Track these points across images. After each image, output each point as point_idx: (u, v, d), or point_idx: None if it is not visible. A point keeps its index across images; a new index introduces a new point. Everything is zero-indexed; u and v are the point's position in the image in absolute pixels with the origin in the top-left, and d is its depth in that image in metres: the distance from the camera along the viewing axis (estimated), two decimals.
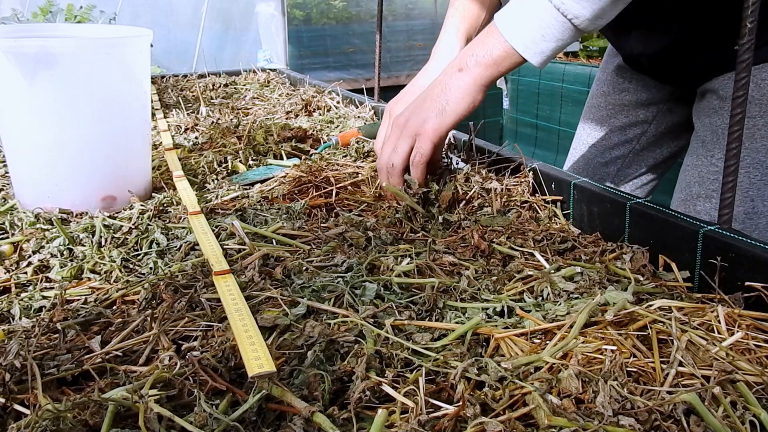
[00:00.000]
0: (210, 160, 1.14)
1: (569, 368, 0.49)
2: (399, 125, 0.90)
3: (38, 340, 0.57)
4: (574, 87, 2.48)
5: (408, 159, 0.88)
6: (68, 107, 0.88)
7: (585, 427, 0.42)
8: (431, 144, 0.86)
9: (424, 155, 0.86)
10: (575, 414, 0.44)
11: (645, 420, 0.44)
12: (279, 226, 0.82)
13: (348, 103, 1.62)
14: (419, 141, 0.87)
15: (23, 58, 0.83)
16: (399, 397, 0.47)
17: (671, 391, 0.47)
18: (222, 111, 1.57)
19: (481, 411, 0.45)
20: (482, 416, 0.45)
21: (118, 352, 0.56)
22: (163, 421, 0.45)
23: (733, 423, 0.43)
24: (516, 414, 0.45)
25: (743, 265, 0.62)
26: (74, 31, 1.10)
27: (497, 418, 0.44)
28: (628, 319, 0.56)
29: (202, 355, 0.53)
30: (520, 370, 0.50)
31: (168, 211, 0.92)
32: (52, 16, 2.39)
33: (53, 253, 0.78)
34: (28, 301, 0.67)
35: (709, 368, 0.49)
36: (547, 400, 0.45)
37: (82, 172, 0.91)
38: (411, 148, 0.88)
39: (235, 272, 0.68)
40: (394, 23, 3.52)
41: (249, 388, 0.49)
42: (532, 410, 0.45)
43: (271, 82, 1.98)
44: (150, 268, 0.74)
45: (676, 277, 0.67)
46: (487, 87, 0.86)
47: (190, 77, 2.04)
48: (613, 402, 0.45)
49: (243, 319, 0.57)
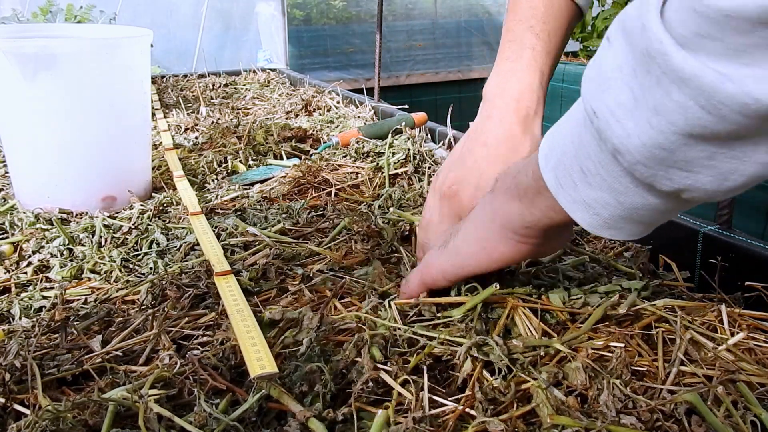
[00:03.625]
0: (210, 160, 1.14)
1: (577, 359, 0.48)
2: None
3: (38, 340, 0.57)
4: (574, 87, 2.48)
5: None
6: (68, 107, 0.88)
7: (589, 427, 0.42)
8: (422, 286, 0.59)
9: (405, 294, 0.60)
10: (579, 413, 0.44)
11: (647, 420, 0.44)
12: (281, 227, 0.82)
13: (348, 103, 1.62)
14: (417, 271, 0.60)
15: (23, 58, 0.83)
16: (402, 391, 0.47)
17: (672, 390, 0.47)
18: (222, 111, 1.57)
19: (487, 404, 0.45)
20: (486, 413, 0.44)
21: (119, 351, 0.56)
22: (163, 420, 0.45)
23: (735, 423, 0.43)
24: (518, 412, 0.45)
25: (743, 265, 0.62)
26: (74, 31, 1.10)
27: (500, 416, 0.44)
28: (634, 316, 0.55)
29: (202, 354, 0.53)
30: (530, 354, 0.50)
31: (168, 211, 0.92)
32: (52, 16, 2.39)
33: (53, 253, 0.78)
34: (28, 301, 0.67)
35: (711, 368, 0.49)
36: (551, 396, 0.45)
37: (82, 172, 0.91)
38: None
39: (235, 272, 0.68)
40: (394, 23, 3.52)
41: (249, 388, 0.49)
42: (535, 407, 0.45)
43: (271, 82, 1.98)
44: (150, 268, 0.74)
45: (677, 277, 0.67)
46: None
47: (190, 77, 2.04)
48: (617, 401, 0.45)
49: (245, 319, 0.57)
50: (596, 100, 0.37)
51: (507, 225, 0.50)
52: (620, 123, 0.36)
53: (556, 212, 0.45)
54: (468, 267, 0.54)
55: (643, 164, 0.36)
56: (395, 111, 1.40)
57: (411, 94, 3.27)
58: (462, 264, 0.54)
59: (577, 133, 0.40)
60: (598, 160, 0.39)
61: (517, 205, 0.48)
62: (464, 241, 0.54)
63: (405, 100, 1.63)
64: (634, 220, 0.41)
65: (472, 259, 0.54)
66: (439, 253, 0.57)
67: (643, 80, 0.34)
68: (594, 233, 0.43)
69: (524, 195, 0.47)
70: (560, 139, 0.43)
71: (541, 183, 0.44)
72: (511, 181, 0.49)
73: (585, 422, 0.43)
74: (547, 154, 0.44)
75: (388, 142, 1.11)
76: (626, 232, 0.42)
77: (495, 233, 0.51)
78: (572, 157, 0.41)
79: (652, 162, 0.36)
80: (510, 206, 0.49)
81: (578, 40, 2.88)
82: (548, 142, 0.44)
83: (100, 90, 0.90)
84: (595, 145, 0.39)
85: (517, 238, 0.50)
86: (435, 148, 1.13)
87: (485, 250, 0.52)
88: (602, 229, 0.42)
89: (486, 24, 3.60)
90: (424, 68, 3.40)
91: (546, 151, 0.44)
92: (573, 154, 0.41)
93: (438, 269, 0.56)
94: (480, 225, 0.53)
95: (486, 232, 0.52)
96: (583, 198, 0.41)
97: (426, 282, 0.58)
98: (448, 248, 0.56)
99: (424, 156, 1.06)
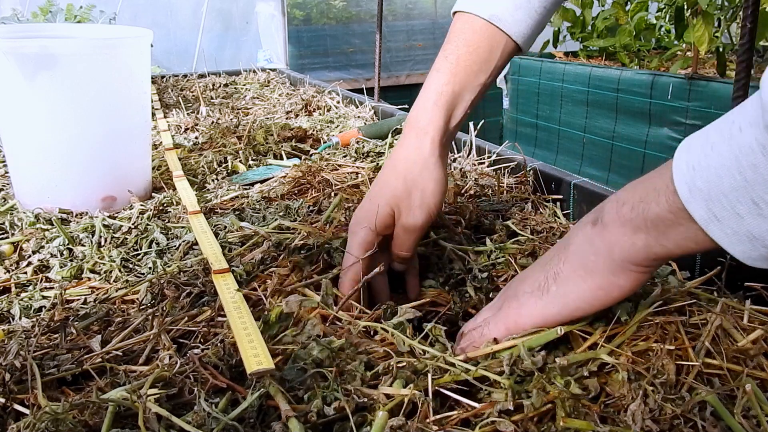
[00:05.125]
0: (210, 160, 1.14)
1: (622, 370, 0.47)
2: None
3: (38, 340, 0.57)
4: (574, 87, 2.48)
5: None
6: (68, 107, 0.88)
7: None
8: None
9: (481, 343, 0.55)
10: (597, 417, 0.44)
11: (665, 422, 0.44)
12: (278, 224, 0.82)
13: (348, 103, 1.62)
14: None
15: (23, 58, 0.83)
16: (405, 392, 0.47)
17: (693, 386, 0.47)
18: (222, 111, 1.57)
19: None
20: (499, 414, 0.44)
21: (119, 351, 0.56)
22: (163, 420, 0.45)
23: (758, 420, 0.43)
24: (532, 413, 0.45)
25: (743, 265, 0.62)
26: (74, 31, 1.10)
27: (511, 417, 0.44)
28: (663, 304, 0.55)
29: (203, 353, 0.53)
30: (573, 367, 0.48)
31: (168, 211, 0.92)
32: (52, 16, 2.39)
33: (53, 253, 0.78)
34: (28, 301, 0.68)
35: (733, 362, 0.49)
36: (568, 399, 0.45)
37: (82, 172, 0.91)
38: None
39: (234, 271, 0.68)
40: (394, 23, 3.52)
41: (251, 386, 0.49)
42: (549, 408, 0.45)
43: (271, 82, 1.98)
44: (149, 267, 0.74)
45: (678, 277, 0.67)
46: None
47: (190, 77, 2.04)
48: (646, 411, 0.44)
49: (242, 317, 0.57)
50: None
51: (629, 258, 0.46)
52: None
53: (696, 243, 0.43)
54: (579, 311, 0.50)
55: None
56: (395, 111, 1.40)
57: (411, 94, 3.26)
58: (572, 310, 0.50)
59: (750, 162, 0.38)
60: None
61: (643, 237, 0.45)
62: (571, 284, 0.50)
63: (405, 100, 1.63)
64: None
65: (584, 303, 0.49)
66: (535, 300, 0.52)
67: None
68: (751, 265, 0.41)
69: (653, 227, 0.44)
70: (715, 170, 0.40)
71: (681, 215, 0.42)
72: (630, 211, 0.45)
73: (603, 429, 0.42)
74: (692, 185, 0.41)
75: (388, 142, 1.11)
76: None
77: (613, 269, 0.47)
78: (740, 189, 0.39)
79: None
80: (632, 239, 0.46)
81: (578, 40, 2.88)
82: (690, 171, 0.41)
83: (100, 90, 0.90)
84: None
85: (639, 269, 0.47)
86: None
87: (603, 290, 0.48)
88: (764, 262, 0.41)
89: None
90: (424, 68, 3.40)
91: (689, 181, 0.41)
92: (742, 185, 0.38)
93: (533, 319, 0.52)
94: (592, 263, 0.48)
95: (601, 270, 0.48)
96: (750, 230, 0.39)
97: (513, 332, 0.52)
98: (549, 294, 0.51)
99: None
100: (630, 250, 0.46)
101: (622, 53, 2.64)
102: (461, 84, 0.66)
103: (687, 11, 2.21)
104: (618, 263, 0.47)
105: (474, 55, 0.66)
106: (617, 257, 0.47)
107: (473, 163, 1.04)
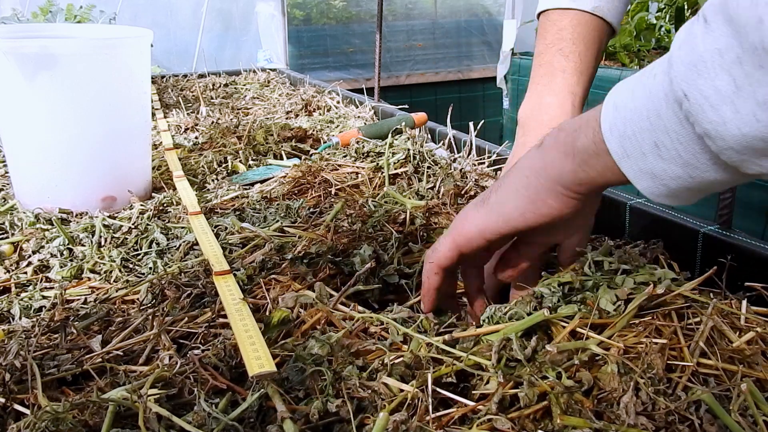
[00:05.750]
0: (210, 160, 1.14)
1: (611, 360, 0.47)
2: None
3: (38, 340, 0.57)
4: None
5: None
6: (68, 107, 0.88)
7: (601, 429, 0.42)
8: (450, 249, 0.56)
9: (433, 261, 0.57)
10: (591, 413, 0.44)
11: (660, 419, 0.43)
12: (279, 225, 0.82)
13: (348, 103, 1.62)
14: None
15: (23, 58, 0.83)
16: (406, 387, 0.47)
17: (689, 386, 0.46)
18: (222, 111, 1.57)
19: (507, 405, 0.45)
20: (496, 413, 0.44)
21: (119, 351, 0.56)
22: (163, 420, 0.45)
23: (755, 419, 0.43)
24: (528, 411, 0.45)
25: (743, 265, 0.62)
26: (74, 31, 1.10)
27: (508, 414, 0.44)
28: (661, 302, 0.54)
29: (203, 353, 0.53)
30: (564, 356, 0.48)
31: (168, 211, 0.92)
32: (52, 16, 2.39)
33: (53, 253, 0.78)
34: (28, 301, 0.68)
35: (728, 362, 0.49)
36: (563, 396, 0.45)
37: (82, 172, 0.91)
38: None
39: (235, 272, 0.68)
40: (394, 23, 3.52)
41: (251, 387, 0.49)
42: (546, 406, 0.45)
43: (271, 82, 1.98)
44: (150, 268, 0.74)
45: (677, 272, 0.67)
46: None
47: (190, 77, 2.04)
48: (638, 404, 0.44)
49: (243, 319, 0.57)
50: (688, 83, 0.37)
51: (558, 179, 0.50)
52: (715, 109, 0.36)
53: (614, 175, 0.46)
54: (512, 222, 0.52)
55: (735, 150, 0.37)
56: (395, 111, 1.40)
57: (411, 94, 3.27)
58: (506, 219, 0.52)
59: (655, 108, 0.41)
60: (677, 138, 0.40)
61: (571, 162, 0.48)
62: (507, 195, 0.53)
63: (405, 100, 1.63)
64: (698, 191, 0.43)
65: (516, 212, 0.52)
66: (476, 209, 0.54)
67: (751, 72, 0.34)
68: (653, 200, 0.45)
69: (579, 154, 0.48)
70: (630, 111, 0.43)
71: (602, 147, 0.45)
72: (565, 137, 0.49)
73: (599, 424, 0.42)
74: (613, 123, 0.44)
75: (388, 142, 1.11)
76: (683, 200, 0.44)
77: (544, 186, 0.51)
78: (645, 131, 0.42)
79: (747, 150, 0.36)
80: (563, 162, 0.49)
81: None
82: (613, 111, 0.45)
83: (100, 90, 0.90)
84: (677, 124, 0.40)
85: (568, 193, 0.50)
86: (435, 148, 1.13)
87: (534, 203, 0.51)
88: (663, 198, 0.44)
89: (486, 24, 3.60)
90: (424, 68, 3.40)
91: (611, 120, 0.44)
92: (647, 128, 0.41)
93: (475, 226, 0.54)
94: (527, 178, 0.51)
95: (534, 185, 0.51)
96: (651, 169, 0.42)
97: (458, 243, 0.55)
98: (487, 204, 0.54)
99: (424, 156, 1.06)
100: (560, 172, 0.49)
101: (622, 53, 2.64)
102: (587, 81, 0.70)
103: (687, 11, 2.21)
104: (549, 183, 0.50)
105: (591, 50, 0.69)
106: (549, 177, 0.50)
107: (473, 164, 1.04)
